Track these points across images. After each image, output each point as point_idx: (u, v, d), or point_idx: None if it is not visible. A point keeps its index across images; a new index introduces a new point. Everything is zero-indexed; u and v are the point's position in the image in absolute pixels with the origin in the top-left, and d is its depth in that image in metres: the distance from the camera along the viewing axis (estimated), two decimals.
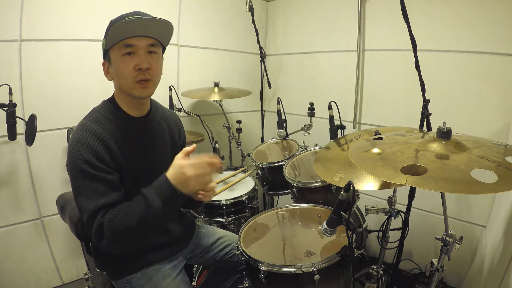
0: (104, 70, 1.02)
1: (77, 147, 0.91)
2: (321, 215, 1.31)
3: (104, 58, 1.01)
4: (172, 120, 1.22)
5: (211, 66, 2.41)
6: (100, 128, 0.95)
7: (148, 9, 0.99)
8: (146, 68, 0.96)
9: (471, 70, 1.67)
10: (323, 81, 2.35)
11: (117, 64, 0.96)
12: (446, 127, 0.88)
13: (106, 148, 0.94)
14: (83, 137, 0.92)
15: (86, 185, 0.90)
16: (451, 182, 0.72)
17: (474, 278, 1.62)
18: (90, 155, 0.90)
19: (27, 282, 1.80)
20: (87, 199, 0.90)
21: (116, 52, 0.95)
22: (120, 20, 0.92)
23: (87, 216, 0.90)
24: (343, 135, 1.55)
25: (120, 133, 1.00)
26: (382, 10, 1.96)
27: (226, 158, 2.32)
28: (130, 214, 0.89)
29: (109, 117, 1.00)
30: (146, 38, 0.96)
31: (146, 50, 0.96)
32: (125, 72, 0.95)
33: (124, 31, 0.91)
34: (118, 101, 1.04)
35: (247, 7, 2.01)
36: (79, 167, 0.90)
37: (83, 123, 0.96)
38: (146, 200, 0.89)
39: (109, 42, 0.94)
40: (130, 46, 0.94)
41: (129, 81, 0.96)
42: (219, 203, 1.64)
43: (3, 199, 1.67)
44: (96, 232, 0.89)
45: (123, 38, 0.93)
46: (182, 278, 1.14)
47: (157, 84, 1.03)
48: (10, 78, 1.56)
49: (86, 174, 0.90)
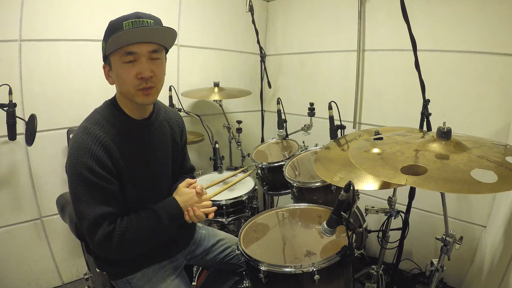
0: (105, 73, 0.99)
1: (78, 152, 0.90)
2: (321, 215, 1.31)
3: (104, 61, 0.97)
4: (175, 121, 1.20)
5: (211, 66, 2.41)
6: (101, 132, 0.94)
7: (148, 9, 0.97)
8: (149, 77, 0.93)
9: (471, 70, 1.67)
10: (323, 81, 2.35)
11: (118, 71, 0.93)
12: (446, 127, 0.88)
13: (108, 153, 0.93)
14: (85, 141, 0.91)
15: (86, 192, 0.90)
16: (451, 182, 0.72)
17: (474, 278, 1.62)
18: (92, 162, 0.90)
19: (27, 282, 1.80)
20: (87, 206, 0.90)
21: (117, 59, 0.91)
22: (119, 23, 0.89)
23: (89, 223, 0.90)
24: (343, 135, 1.55)
25: (121, 136, 0.98)
26: (382, 10, 1.96)
27: (226, 158, 2.32)
28: (142, 228, 0.96)
29: (111, 120, 0.98)
30: (148, 44, 0.92)
31: (148, 57, 0.92)
32: (127, 80, 0.92)
33: (124, 39, 0.88)
34: (120, 103, 1.02)
35: (247, 7, 2.01)
36: (80, 173, 0.89)
37: (85, 126, 0.95)
38: (158, 217, 0.99)
39: (108, 48, 0.89)
40: (131, 54, 0.90)
41: (131, 89, 0.94)
42: (219, 203, 1.64)
43: (3, 199, 1.67)
44: (103, 240, 0.90)
45: (123, 45, 0.89)
46: (181, 278, 1.14)
47: (160, 89, 1.01)
48: (10, 78, 1.56)
49: (87, 181, 0.89)
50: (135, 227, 0.95)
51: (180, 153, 1.22)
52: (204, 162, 2.40)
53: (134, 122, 1.03)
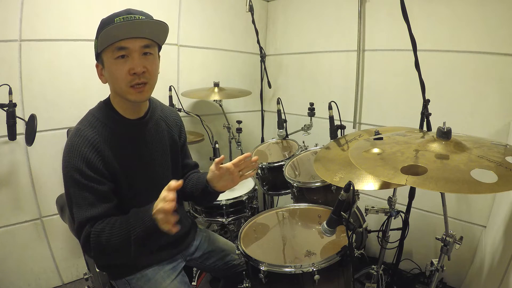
0: (98, 72, 0.98)
1: (69, 154, 0.92)
2: (321, 215, 1.31)
3: (97, 60, 0.97)
4: (172, 119, 1.19)
5: (211, 66, 2.41)
6: (94, 134, 0.94)
7: (148, 9, 0.97)
8: (142, 72, 0.92)
9: (471, 70, 1.67)
10: (323, 81, 2.35)
11: (110, 67, 0.92)
12: (446, 127, 0.88)
13: (99, 155, 0.93)
14: (76, 144, 0.92)
15: (77, 194, 0.91)
16: (451, 182, 0.72)
17: (474, 278, 1.62)
18: (82, 164, 0.90)
19: (27, 282, 1.80)
20: (78, 208, 0.91)
21: (109, 55, 0.91)
22: (110, 20, 0.89)
23: (77, 225, 0.91)
24: (343, 135, 1.55)
25: (115, 138, 0.98)
26: (382, 10, 1.96)
27: (226, 158, 2.31)
28: (114, 234, 0.88)
29: (104, 121, 0.98)
30: (140, 39, 0.91)
31: (140, 52, 0.92)
32: (119, 77, 0.91)
33: (116, 34, 0.87)
34: (114, 103, 1.01)
35: (247, 7, 2.01)
36: (70, 175, 0.91)
37: (78, 128, 0.95)
38: (128, 225, 0.88)
39: (100, 44, 0.89)
40: (123, 49, 0.90)
41: (123, 86, 0.93)
42: (219, 203, 1.64)
43: (3, 199, 1.67)
44: (84, 241, 0.90)
45: (115, 41, 0.88)
46: (181, 279, 1.14)
47: (153, 86, 0.99)
48: (10, 78, 1.56)
49: (77, 183, 0.91)
50: (108, 231, 0.88)
51: (180, 152, 1.21)
52: (204, 162, 2.39)
53: (128, 122, 1.02)
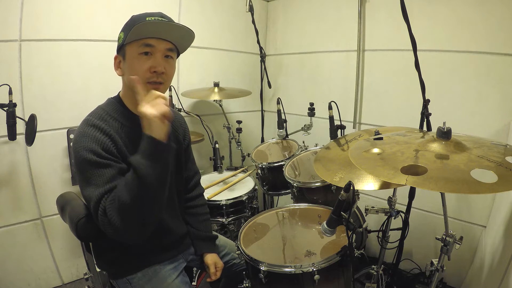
0: (115, 64, 1.00)
1: (81, 139, 0.90)
2: (321, 215, 1.31)
3: (118, 52, 0.99)
4: (178, 122, 1.21)
5: (211, 66, 2.41)
6: (104, 124, 0.95)
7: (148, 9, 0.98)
8: (161, 72, 0.95)
9: (471, 70, 1.67)
10: (323, 81, 2.35)
11: (131, 61, 0.95)
12: (446, 127, 0.88)
13: (112, 141, 0.93)
14: (88, 130, 0.91)
15: (94, 174, 0.88)
16: (451, 182, 0.72)
17: (474, 278, 1.62)
18: (96, 146, 0.89)
19: (27, 282, 1.80)
20: (95, 188, 0.87)
21: (134, 49, 0.94)
22: (142, 17, 0.92)
23: (93, 204, 0.87)
24: (343, 135, 1.55)
25: (125, 130, 0.99)
26: (382, 10, 1.96)
27: (226, 158, 2.32)
28: (126, 184, 0.84)
29: (114, 115, 0.99)
30: (166, 42, 0.96)
31: (163, 54, 0.96)
32: (139, 72, 0.94)
33: (146, 30, 0.91)
34: (125, 99, 1.03)
35: (247, 7, 2.01)
36: (84, 157, 0.88)
37: (87, 119, 0.95)
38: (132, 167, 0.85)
39: (129, 37, 0.91)
40: (149, 46, 0.93)
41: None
42: (219, 203, 1.64)
43: (3, 199, 1.67)
44: (102, 216, 0.86)
45: (143, 37, 0.92)
46: (182, 278, 1.14)
47: (167, 89, 1.02)
48: (10, 78, 1.56)
49: (92, 163, 0.88)
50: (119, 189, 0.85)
51: (184, 154, 1.23)
52: (204, 162, 2.40)
53: (137, 118, 1.01)
